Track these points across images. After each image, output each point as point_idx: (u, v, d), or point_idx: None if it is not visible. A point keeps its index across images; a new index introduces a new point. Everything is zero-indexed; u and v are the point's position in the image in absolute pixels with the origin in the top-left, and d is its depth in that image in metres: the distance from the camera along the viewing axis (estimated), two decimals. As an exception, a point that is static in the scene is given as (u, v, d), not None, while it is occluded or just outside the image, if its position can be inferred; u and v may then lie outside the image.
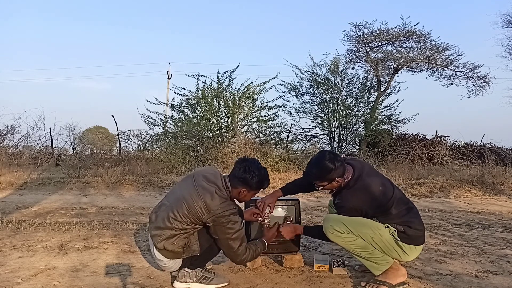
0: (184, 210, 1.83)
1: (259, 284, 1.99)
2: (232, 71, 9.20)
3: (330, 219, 2.03)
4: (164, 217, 1.87)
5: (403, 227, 1.96)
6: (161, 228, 1.86)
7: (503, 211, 4.78)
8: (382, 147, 10.47)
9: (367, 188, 2.01)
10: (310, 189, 2.35)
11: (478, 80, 11.41)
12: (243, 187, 1.95)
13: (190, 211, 1.83)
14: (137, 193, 5.79)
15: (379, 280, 1.95)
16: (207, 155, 8.39)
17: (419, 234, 2.01)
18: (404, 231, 1.95)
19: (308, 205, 4.56)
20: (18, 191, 5.82)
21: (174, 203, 1.90)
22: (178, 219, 1.83)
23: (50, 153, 10.56)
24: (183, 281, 1.91)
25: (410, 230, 1.96)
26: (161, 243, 1.84)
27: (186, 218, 1.83)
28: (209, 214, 1.81)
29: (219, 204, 1.83)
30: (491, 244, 2.95)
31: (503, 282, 2.09)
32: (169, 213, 1.86)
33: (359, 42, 11.25)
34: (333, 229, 1.96)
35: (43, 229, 3.19)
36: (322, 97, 11.24)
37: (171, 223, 1.84)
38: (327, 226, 2.00)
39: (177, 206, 1.86)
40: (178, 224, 1.83)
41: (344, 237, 1.95)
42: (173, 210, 1.85)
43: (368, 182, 2.02)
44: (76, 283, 1.98)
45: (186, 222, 1.84)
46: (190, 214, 1.83)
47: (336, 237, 1.97)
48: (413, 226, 1.98)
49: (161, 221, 1.87)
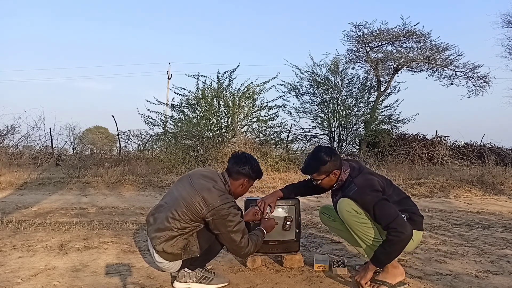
0: (183, 208, 1.83)
1: (259, 284, 1.99)
2: (232, 71, 9.21)
3: (344, 202, 1.96)
4: (163, 218, 1.86)
5: (409, 214, 1.97)
6: (160, 230, 1.85)
7: (503, 211, 4.77)
8: (382, 147, 10.47)
9: (372, 173, 2.06)
10: (310, 193, 2.36)
11: (478, 80, 11.42)
12: (244, 177, 2.01)
13: (188, 208, 1.82)
14: (137, 193, 5.79)
15: (379, 280, 1.95)
16: (207, 155, 8.38)
17: (420, 220, 2.03)
18: (410, 217, 1.96)
19: (308, 205, 4.57)
20: (18, 191, 5.82)
21: (172, 203, 1.89)
22: (176, 217, 1.83)
23: (50, 153, 10.56)
24: (183, 281, 1.91)
25: (414, 215, 1.99)
26: (160, 245, 1.83)
27: (185, 215, 1.83)
28: (208, 208, 1.80)
29: (217, 197, 1.83)
30: (491, 244, 2.95)
31: (503, 282, 2.09)
32: (167, 214, 1.85)
33: (359, 42, 11.26)
34: (351, 207, 1.92)
35: (43, 229, 3.19)
36: (322, 97, 11.24)
37: (170, 223, 1.83)
38: (342, 206, 1.94)
39: (175, 205, 1.86)
40: (177, 223, 1.83)
41: (360, 218, 1.91)
42: (171, 210, 1.85)
43: (370, 172, 2.08)
44: (76, 283, 1.98)
45: (185, 220, 1.83)
46: (189, 211, 1.82)
47: (353, 216, 1.92)
48: (416, 212, 2.02)
49: (160, 223, 1.87)
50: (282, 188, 2.34)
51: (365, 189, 1.91)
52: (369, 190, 1.90)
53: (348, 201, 1.94)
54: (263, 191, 5.73)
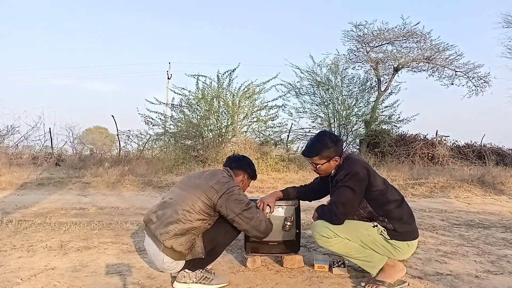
0: (193, 198, 1.86)
1: (259, 285, 1.99)
2: (232, 71, 9.20)
3: (315, 226, 2.00)
4: (172, 211, 1.86)
5: (393, 224, 1.91)
6: (169, 223, 1.83)
7: (503, 211, 4.77)
8: (383, 147, 10.47)
9: (361, 159, 2.09)
10: (310, 196, 2.35)
11: (478, 80, 11.42)
12: (244, 173, 2.14)
13: (200, 197, 1.85)
14: (137, 193, 5.79)
15: (379, 280, 1.94)
16: (207, 155, 8.38)
17: (410, 229, 1.95)
18: (394, 229, 1.90)
19: (308, 205, 4.53)
20: (18, 191, 5.82)
21: (180, 196, 1.91)
22: (187, 208, 1.84)
23: (50, 153, 10.56)
24: (183, 282, 1.91)
25: (401, 226, 1.91)
26: (169, 241, 1.80)
27: (196, 205, 1.84)
28: (219, 194, 1.86)
29: (226, 183, 1.91)
30: (491, 244, 2.95)
31: (503, 282, 2.08)
32: (176, 206, 1.86)
33: (359, 42, 11.26)
34: (320, 235, 1.95)
35: (43, 229, 3.19)
36: (322, 97, 11.23)
37: (179, 214, 1.83)
38: (314, 234, 1.99)
39: (185, 198, 1.88)
40: (187, 214, 1.83)
41: (332, 241, 1.93)
42: (180, 203, 1.87)
43: (360, 158, 2.12)
44: (76, 283, 1.98)
45: (196, 211, 1.84)
46: (199, 200, 1.85)
47: (325, 243, 1.95)
48: (404, 218, 1.93)
49: (168, 217, 1.86)
50: (283, 189, 2.34)
51: (355, 164, 1.95)
52: (356, 169, 1.92)
53: (316, 230, 1.98)
54: (263, 191, 5.73)
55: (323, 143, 1.99)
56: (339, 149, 2.00)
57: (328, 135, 2.05)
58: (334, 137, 2.03)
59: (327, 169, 2.05)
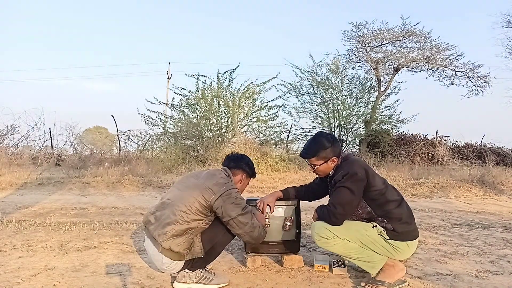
0: (190, 198, 1.86)
1: (259, 285, 1.99)
2: (232, 71, 9.20)
3: (314, 227, 2.01)
4: (169, 212, 1.87)
5: (392, 224, 1.90)
6: (167, 224, 1.84)
7: (503, 211, 4.77)
8: (383, 147, 10.47)
9: (359, 159, 2.08)
10: (309, 197, 2.35)
11: (478, 80, 11.41)
12: (242, 172, 2.13)
13: (196, 198, 1.85)
14: (137, 193, 5.79)
15: (378, 280, 1.94)
16: (207, 155, 8.38)
17: (409, 229, 1.94)
18: (393, 229, 1.90)
19: (308, 205, 4.54)
20: (18, 191, 5.82)
21: (177, 197, 1.91)
22: (183, 209, 1.84)
23: (50, 153, 10.56)
24: (183, 282, 1.90)
25: (400, 226, 1.90)
26: (167, 242, 1.82)
27: (193, 206, 1.84)
28: (216, 195, 1.86)
29: (223, 184, 1.91)
30: (491, 244, 2.95)
31: (503, 282, 2.08)
32: (173, 207, 1.86)
33: (359, 42, 11.25)
34: (319, 236, 1.96)
35: (43, 229, 3.19)
36: (322, 97, 11.23)
37: (176, 215, 1.83)
38: (313, 235, 2.00)
39: (182, 198, 1.88)
40: (184, 215, 1.83)
41: (331, 242, 1.94)
42: (177, 203, 1.87)
43: (358, 158, 2.11)
44: (76, 283, 1.98)
45: (193, 212, 1.84)
46: (196, 201, 1.85)
47: (324, 243, 1.96)
48: (403, 219, 1.92)
49: (166, 217, 1.86)
50: (283, 189, 2.34)
51: (353, 165, 1.96)
52: (355, 169, 1.92)
53: (315, 231, 1.98)
54: (263, 191, 5.72)
55: (320, 144, 2.00)
56: (336, 149, 2.01)
57: (325, 136, 2.05)
58: (331, 138, 2.03)
59: (325, 170, 2.05)
